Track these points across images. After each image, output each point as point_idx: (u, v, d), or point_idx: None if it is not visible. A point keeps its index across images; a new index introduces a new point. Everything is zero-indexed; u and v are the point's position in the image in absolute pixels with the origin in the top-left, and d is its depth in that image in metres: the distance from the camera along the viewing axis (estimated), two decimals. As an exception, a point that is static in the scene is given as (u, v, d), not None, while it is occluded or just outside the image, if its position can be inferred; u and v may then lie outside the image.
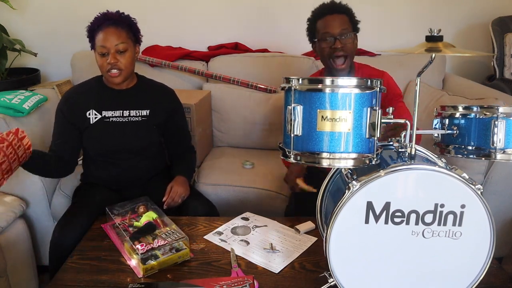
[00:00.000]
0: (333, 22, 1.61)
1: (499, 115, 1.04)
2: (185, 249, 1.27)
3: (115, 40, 1.53)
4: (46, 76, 2.69)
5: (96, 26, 1.55)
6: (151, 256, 1.21)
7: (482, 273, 1.02)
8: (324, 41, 1.63)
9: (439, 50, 0.97)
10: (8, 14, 2.50)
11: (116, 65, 1.54)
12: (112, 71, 1.55)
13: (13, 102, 1.86)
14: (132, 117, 1.64)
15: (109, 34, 1.53)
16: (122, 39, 1.54)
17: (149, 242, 1.24)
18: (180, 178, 1.66)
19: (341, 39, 1.60)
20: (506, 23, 2.45)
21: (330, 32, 1.60)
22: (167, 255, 1.24)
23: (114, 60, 1.53)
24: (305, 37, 2.19)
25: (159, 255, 1.22)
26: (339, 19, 1.61)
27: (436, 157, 1.09)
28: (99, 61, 1.56)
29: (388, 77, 1.77)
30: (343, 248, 1.00)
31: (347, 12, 1.64)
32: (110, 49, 1.53)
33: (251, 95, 2.35)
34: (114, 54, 1.53)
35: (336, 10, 1.63)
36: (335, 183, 1.19)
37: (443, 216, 0.98)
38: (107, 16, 1.56)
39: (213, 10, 2.62)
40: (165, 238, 1.27)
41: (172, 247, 1.25)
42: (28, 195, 1.91)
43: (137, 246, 1.21)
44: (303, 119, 0.97)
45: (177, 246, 1.26)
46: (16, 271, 1.77)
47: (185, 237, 1.27)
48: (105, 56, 1.54)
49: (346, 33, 1.61)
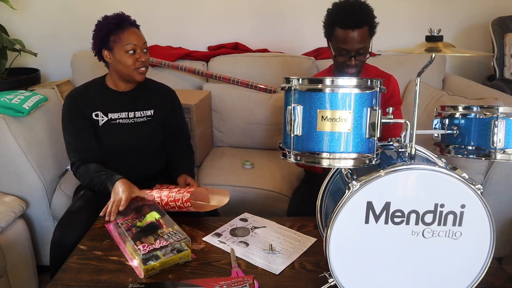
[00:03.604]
0: (352, 39, 1.52)
1: (499, 115, 1.04)
2: (187, 250, 1.26)
3: (141, 39, 1.59)
4: (46, 76, 2.69)
5: (114, 26, 1.55)
6: (152, 256, 1.21)
7: (482, 273, 1.02)
8: (340, 55, 1.58)
9: (439, 50, 0.97)
10: (8, 14, 2.50)
11: (145, 63, 1.59)
12: (142, 68, 1.59)
13: (13, 102, 1.86)
14: (137, 118, 1.67)
15: (135, 33, 1.57)
16: (144, 38, 1.60)
17: (151, 242, 1.24)
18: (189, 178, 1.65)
19: (357, 57, 1.56)
20: (506, 23, 2.46)
21: (347, 49, 1.55)
22: (168, 255, 1.23)
23: (146, 57, 1.59)
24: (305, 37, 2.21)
25: (160, 256, 1.22)
26: (359, 35, 1.52)
27: (436, 157, 1.09)
28: (127, 59, 1.56)
29: (394, 82, 1.75)
30: (343, 248, 1.00)
31: (369, 21, 1.56)
32: (138, 47, 1.57)
33: (251, 95, 2.35)
34: (142, 52, 1.58)
35: (359, 23, 1.52)
36: (335, 183, 1.19)
37: (443, 216, 0.98)
38: (121, 17, 1.58)
39: (213, 10, 2.62)
40: (167, 239, 1.26)
41: (173, 248, 1.25)
42: (28, 195, 1.91)
43: (139, 246, 1.21)
44: (303, 119, 0.97)
45: (179, 247, 1.26)
46: (16, 271, 1.77)
47: (187, 238, 1.27)
48: (133, 54, 1.56)
49: (363, 51, 1.56)
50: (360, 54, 1.57)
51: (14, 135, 1.82)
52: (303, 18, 2.57)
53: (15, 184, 1.89)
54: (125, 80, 1.63)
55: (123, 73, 1.60)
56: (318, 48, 2.60)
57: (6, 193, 1.89)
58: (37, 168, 1.89)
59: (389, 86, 1.71)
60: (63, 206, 1.89)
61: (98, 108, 1.63)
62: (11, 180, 1.89)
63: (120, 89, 1.66)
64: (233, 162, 2.19)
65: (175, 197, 1.45)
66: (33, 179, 1.89)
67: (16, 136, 1.83)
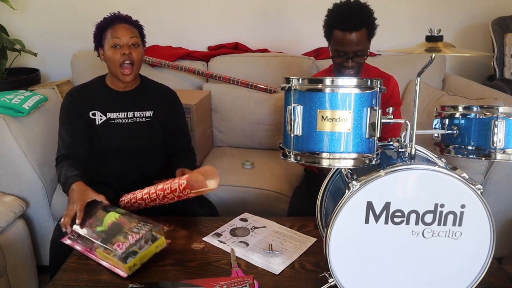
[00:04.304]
0: (350, 42, 1.53)
1: (499, 115, 1.04)
2: (160, 237, 1.25)
3: (129, 33, 1.55)
4: (46, 76, 2.69)
5: (107, 24, 1.56)
6: (130, 253, 1.19)
7: (482, 273, 1.02)
8: (337, 56, 1.59)
9: (439, 50, 0.97)
10: (8, 14, 2.50)
11: (130, 57, 1.55)
12: (125, 65, 1.55)
13: (13, 102, 1.86)
14: (136, 118, 1.66)
15: (122, 29, 1.55)
16: (135, 34, 1.58)
17: (124, 241, 1.21)
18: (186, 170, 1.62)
19: (354, 58, 1.57)
20: (506, 23, 2.46)
21: (344, 51, 1.56)
22: (145, 248, 1.22)
23: (128, 51, 1.54)
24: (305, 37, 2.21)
25: (137, 250, 1.20)
26: (357, 38, 1.53)
27: (436, 157, 1.09)
28: (111, 54, 1.55)
29: (394, 83, 1.75)
30: (343, 248, 1.00)
31: (368, 24, 1.56)
32: (123, 41, 1.54)
33: (251, 95, 2.35)
34: (127, 46, 1.55)
35: (357, 26, 1.52)
36: (335, 183, 1.19)
37: (443, 216, 0.98)
38: (117, 16, 1.58)
39: (213, 10, 2.62)
40: (137, 232, 1.23)
41: (147, 239, 1.23)
42: (28, 195, 1.91)
43: (114, 247, 1.19)
44: (303, 119, 0.97)
45: (152, 237, 1.24)
46: (16, 271, 1.77)
47: (157, 225, 1.26)
48: (117, 48, 1.54)
49: (361, 53, 1.57)
50: (358, 56, 1.57)
51: (14, 135, 1.82)
52: (303, 18, 2.57)
53: (15, 184, 1.89)
54: (117, 79, 1.62)
55: (111, 71, 1.61)
56: (318, 48, 2.60)
57: (6, 193, 1.89)
58: (37, 168, 1.89)
59: (389, 87, 1.71)
60: (63, 206, 1.88)
61: (96, 107, 1.63)
62: (11, 180, 1.89)
63: (120, 88, 1.66)
64: (233, 162, 2.19)
65: (171, 187, 1.39)
66: (33, 179, 1.89)
67: (16, 136, 1.83)
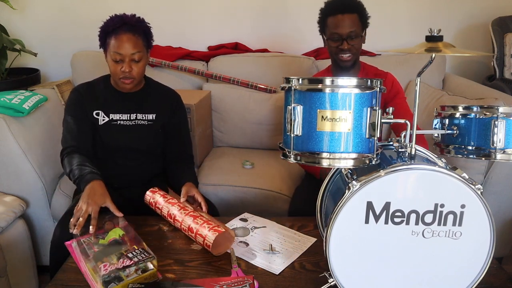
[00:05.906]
0: (343, 23, 1.62)
1: (499, 115, 1.04)
2: (153, 269, 1.14)
3: (131, 48, 1.50)
4: (46, 76, 2.69)
5: (111, 28, 1.52)
6: (114, 278, 1.09)
7: (482, 273, 1.02)
8: (332, 40, 1.66)
9: (439, 50, 0.97)
10: (8, 14, 2.50)
11: (131, 74, 1.53)
12: (125, 78, 1.54)
13: (13, 102, 1.86)
14: (139, 120, 1.65)
15: (126, 41, 1.49)
16: (139, 47, 1.52)
17: (113, 262, 1.12)
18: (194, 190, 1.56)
19: (349, 41, 1.63)
20: (506, 23, 2.46)
21: (338, 33, 1.63)
22: (132, 277, 1.11)
23: (129, 69, 1.52)
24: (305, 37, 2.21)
25: (123, 277, 1.10)
26: (349, 19, 1.62)
27: (436, 157, 1.09)
28: (112, 67, 1.54)
29: (391, 78, 1.79)
30: (343, 248, 1.00)
31: (359, 10, 1.65)
32: (126, 57, 1.50)
33: (251, 95, 2.35)
34: (129, 63, 1.51)
35: (348, 9, 1.63)
36: (335, 183, 1.19)
37: (443, 216, 0.98)
38: (123, 20, 1.52)
39: (213, 10, 2.62)
40: (131, 257, 1.14)
41: (138, 268, 1.12)
42: (28, 195, 1.91)
43: (100, 266, 1.10)
44: (303, 119, 0.97)
45: (144, 267, 1.14)
46: (16, 271, 1.77)
47: (153, 256, 1.15)
48: (118, 63, 1.52)
49: (354, 35, 1.63)
50: (352, 38, 1.63)
51: (14, 135, 1.82)
52: (303, 18, 2.57)
53: (15, 184, 1.89)
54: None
55: (112, 78, 1.61)
56: (318, 48, 2.60)
57: (6, 193, 1.89)
58: (37, 168, 1.89)
59: (386, 84, 1.74)
60: (63, 206, 1.89)
61: (100, 108, 1.63)
62: (11, 180, 1.89)
63: (124, 90, 1.64)
64: (233, 162, 2.19)
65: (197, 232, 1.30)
66: (33, 179, 1.90)
67: (16, 136, 1.83)
